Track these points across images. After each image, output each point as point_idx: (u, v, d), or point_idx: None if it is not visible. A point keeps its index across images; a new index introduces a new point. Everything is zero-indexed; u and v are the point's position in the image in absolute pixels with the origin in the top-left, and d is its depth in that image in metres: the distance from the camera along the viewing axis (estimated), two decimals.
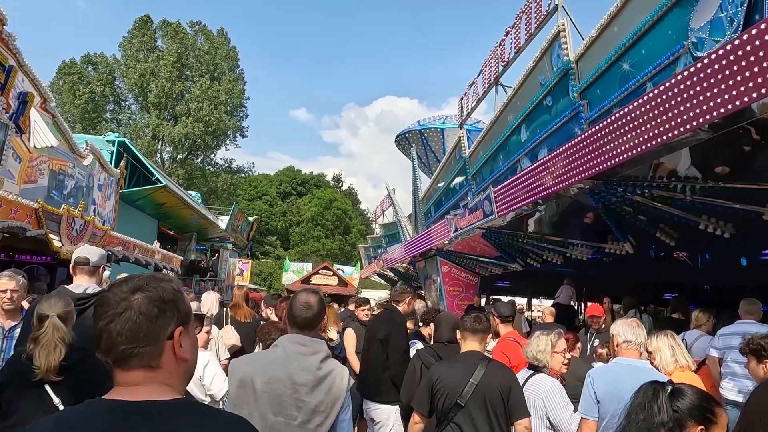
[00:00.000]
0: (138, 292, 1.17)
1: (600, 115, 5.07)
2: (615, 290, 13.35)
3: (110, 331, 1.14)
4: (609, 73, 4.85)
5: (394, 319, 4.26)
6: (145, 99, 36.45)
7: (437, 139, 13.60)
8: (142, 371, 1.16)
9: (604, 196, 5.62)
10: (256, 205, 49.40)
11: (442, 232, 9.90)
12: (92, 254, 3.66)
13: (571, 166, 5.06)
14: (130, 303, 1.15)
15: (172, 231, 18.44)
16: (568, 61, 5.39)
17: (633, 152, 4.23)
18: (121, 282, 1.21)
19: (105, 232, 7.48)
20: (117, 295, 1.17)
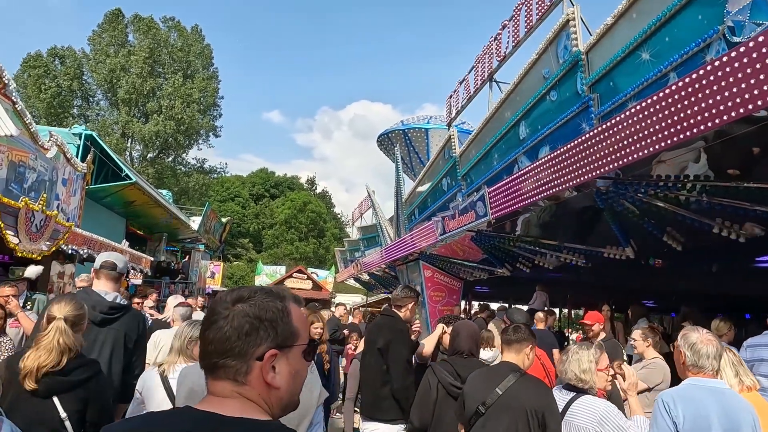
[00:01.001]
0: (239, 304, 1.15)
1: (613, 109, 4.75)
2: (597, 296, 13.22)
3: (205, 338, 1.15)
4: (625, 63, 4.53)
5: (395, 326, 3.80)
6: (114, 95, 35.32)
7: (421, 140, 13.24)
8: (230, 384, 1.13)
9: (612, 197, 5.31)
10: (229, 207, 48.38)
11: (428, 235, 9.52)
12: (119, 260, 3.62)
13: (580, 163, 4.72)
14: (227, 314, 1.14)
15: (141, 231, 17.65)
16: (577, 52, 5.06)
17: (653, 148, 3.91)
18: (233, 290, 1.20)
19: (68, 228, 6.87)
20: (220, 304, 1.17)
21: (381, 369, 3.62)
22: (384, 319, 3.98)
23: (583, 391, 2.63)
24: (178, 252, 21.29)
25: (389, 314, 3.96)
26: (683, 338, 2.32)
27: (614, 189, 5.05)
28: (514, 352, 2.84)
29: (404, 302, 3.95)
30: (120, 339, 3.48)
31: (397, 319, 3.81)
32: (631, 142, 4.08)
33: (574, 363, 2.69)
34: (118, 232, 14.34)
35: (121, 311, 3.51)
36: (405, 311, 3.90)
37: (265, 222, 51.34)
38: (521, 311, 3.87)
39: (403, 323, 3.80)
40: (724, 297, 10.74)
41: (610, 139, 4.29)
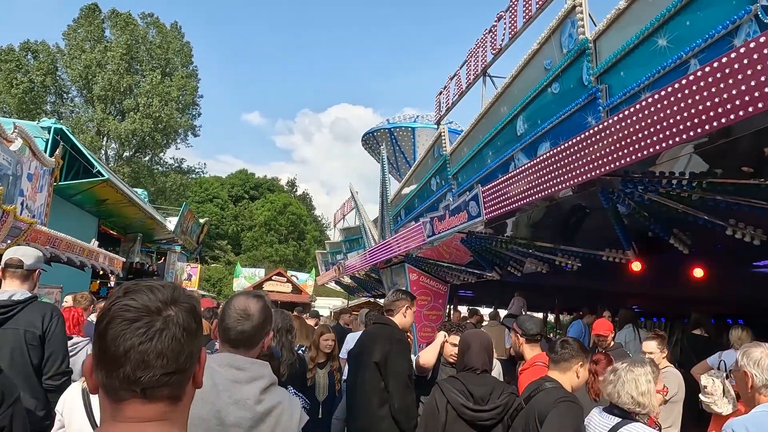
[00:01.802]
0: (174, 304, 1.00)
1: (623, 101, 4.42)
2: (583, 300, 12.99)
3: (148, 351, 0.94)
4: (639, 51, 4.20)
5: (392, 335, 3.33)
6: (89, 92, 34.31)
7: (408, 139, 12.86)
8: (167, 405, 0.98)
9: (618, 196, 4.99)
10: (207, 208, 47.51)
11: (415, 236, 9.14)
12: (27, 256, 3.31)
13: (587, 159, 4.38)
14: (171, 316, 0.98)
15: (114, 231, 16.98)
16: (584, 40, 4.73)
17: (671, 142, 3.58)
18: (138, 289, 1.00)
19: (30, 225, 6.33)
20: (150, 305, 0.98)
21: (378, 386, 3.14)
22: (378, 328, 3.51)
23: (630, 417, 2.24)
24: (154, 253, 20.61)
25: (383, 322, 3.51)
26: (745, 356, 1.97)
27: (622, 187, 4.72)
28: (560, 371, 2.54)
29: (396, 306, 3.54)
30: (19, 338, 3.05)
31: (394, 328, 3.36)
32: (646, 135, 3.74)
33: (630, 384, 2.27)
34: (89, 231, 13.69)
35: (13, 308, 3.07)
36: (399, 316, 3.47)
37: (244, 224, 50.55)
38: (534, 319, 3.46)
39: (401, 332, 3.38)
40: (717, 302, 10.57)
41: (622, 133, 3.95)
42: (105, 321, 0.97)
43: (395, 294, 3.72)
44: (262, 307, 1.94)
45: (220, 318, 1.92)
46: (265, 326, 1.93)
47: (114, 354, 0.94)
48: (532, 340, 3.41)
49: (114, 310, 0.98)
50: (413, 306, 3.69)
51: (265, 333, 1.95)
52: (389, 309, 3.61)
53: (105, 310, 0.99)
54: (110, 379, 0.95)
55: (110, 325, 0.96)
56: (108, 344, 0.95)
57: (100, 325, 0.98)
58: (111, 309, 0.98)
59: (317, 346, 4.24)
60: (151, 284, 1.04)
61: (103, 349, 0.95)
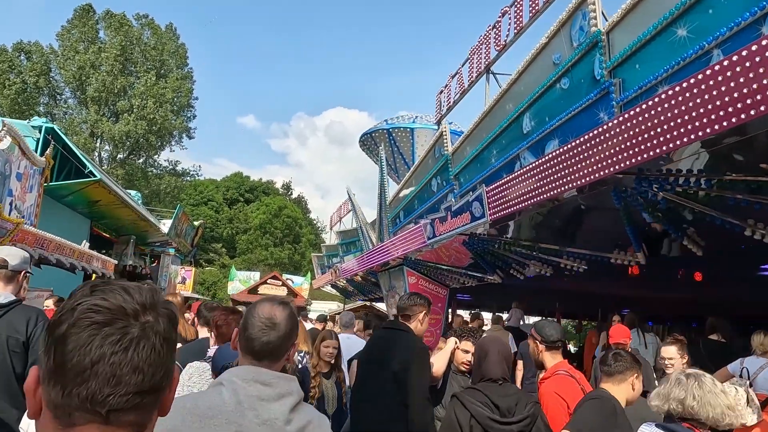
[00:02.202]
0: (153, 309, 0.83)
1: (638, 95, 4.22)
2: (583, 304, 12.83)
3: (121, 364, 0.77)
4: (656, 42, 4.01)
5: (412, 343, 3.00)
6: (83, 93, 34.02)
7: (407, 140, 12.66)
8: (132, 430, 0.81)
9: (631, 195, 4.79)
10: (202, 211, 47.14)
11: (415, 239, 8.93)
12: (12, 256, 3.13)
13: (600, 156, 4.17)
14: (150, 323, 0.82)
15: (107, 233, 16.69)
16: (597, 32, 4.53)
17: (693, 136, 3.39)
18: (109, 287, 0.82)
19: (16, 225, 6.08)
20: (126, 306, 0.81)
21: (394, 400, 2.78)
22: (394, 333, 3.17)
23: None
24: (147, 256, 20.31)
25: (399, 327, 3.18)
26: None
27: (636, 185, 4.53)
28: (615, 383, 2.40)
29: (414, 311, 3.21)
30: (1, 345, 2.86)
31: (411, 334, 3.07)
32: (665, 130, 3.55)
33: (718, 397, 2.02)
34: (81, 233, 13.40)
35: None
36: (415, 323, 3.17)
37: (239, 227, 50.20)
38: (554, 324, 3.19)
39: (420, 340, 3.09)
40: (717, 305, 10.41)
41: (639, 128, 3.75)
42: (66, 323, 0.79)
43: (412, 298, 3.39)
44: (289, 315, 1.76)
45: (242, 327, 1.74)
46: (291, 336, 1.76)
47: (77, 365, 0.76)
48: (552, 347, 3.10)
49: (80, 310, 0.79)
50: (429, 313, 3.40)
51: (291, 344, 1.78)
52: (406, 314, 3.28)
53: (66, 310, 0.80)
54: (66, 397, 0.77)
55: (73, 329, 0.78)
56: (69, 353, 0.77)
57: (58, 328, 0.79)
58: (75, 309, 0.79)
59: (318, 353, 3.93)
60: (124, 284, 0.86)
61: (61, 358, 0.77)
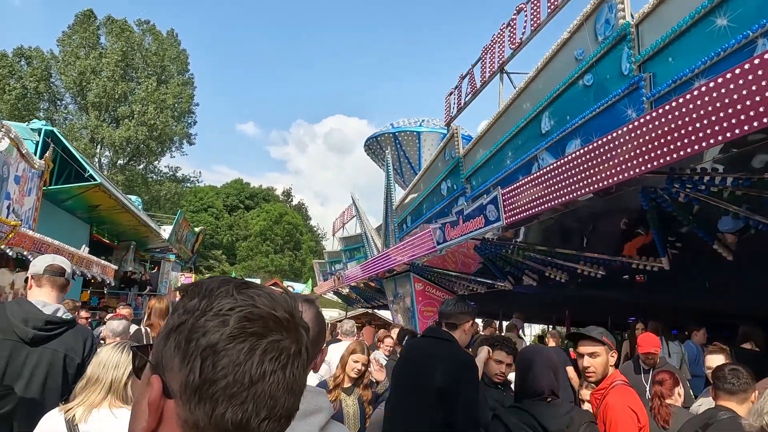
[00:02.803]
0: (297, 320, 0.74)
1: (671, 90, 4.00)
2: (591, 312, 12.55)
3: (279, 383, 0.69)
4: (692, 34, 3.79)
5: (460, 356, 2.66)
6: (84, 98, 33.81)
7: (413, 144, 12.44)
8: None
9: (660, 196, 4.56)
10: (202, 218, 46.91)
11: (424, 244, 8.69)
12: (67, 264, 2.97)
13: (631, 155, 3.95)
14: (301, 336, 0.74)
15: (107, 238, 16.43)
16: (625, 25, 4.32)
17: (737, 131, 3.17)
18: (252, 290, 0.72)
19: (13, 228, 5.83)
20: (279, 316, 0.71)
21: (436, 420, 2.44)
22: (437, 344, 2.81)
23: None
24: (147, 262, 20.04)
25: (443, 336, 2.83)
26: None
27: (667, 186, 4.30)
28: (738, 402, 2.25)
29: (460, 319, 2.86)
30: (58, 362, 2.74)
31: (457, 345, 2.74)
32: (704, 125, 3.33)
33: None
34: (80, 238, 13.15)
35: (60, 326, 2.76)
36: (461, 333, 2.83)
37: (239, 234, 49.95)
38: (602, 330, 2.90)
39: (467, 353, 2.80)
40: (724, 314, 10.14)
41: (674, 124, 3.53)
42: (218, 332, 0.67)
43: (459, 305, 2.99)
44: (316, 316, 1.49)
45: None
46: (319, 341, 1.49)
47: (233, 384, 0.66)
48: None
49: (236, 318, 0.68)
50: (475, 321, 3.06)
51: (319, 350, 1.50)
52: (450, 321, 2.91)
53: (211, 315, 0.68)
54: (215, 419, 0.66)
55: (229, 340, 0.66)
56: (223, 368, 0.66)
57: (206, 336, 0.66)
58: (229, 316, 0.67)
59: (344, 366, 3.58)
60: (263, 286, 0.75)
61: (212, 374, 0.66)
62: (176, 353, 0.67)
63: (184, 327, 0.68)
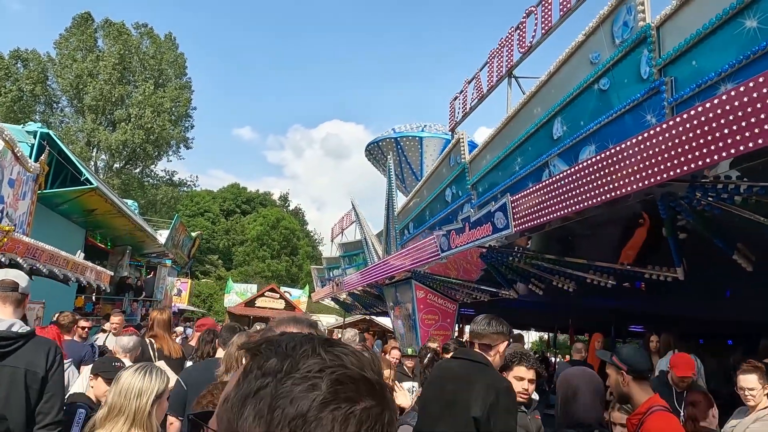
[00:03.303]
0: (382, 382, 0.70)
1: (695, 94, 3.84)
2: (591, 320, 12.39)
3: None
4: (718, 36, 3.64)
5: (498, 383, 2.44)
6: (80, 102, 33.58)
7: (415, 149, 12.27)
8: None
9: (680, 204, 4.40)
10: (198, 222, 46.64)
11: (428, 251, 8.52)
12: (21, 278, 2.95)
13: (653, 161, 3.79)
14: (389, 401, 0.68)
15: (102, 243, 16.19)
16: (645, 27, 4.17)
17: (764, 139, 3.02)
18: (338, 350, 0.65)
19: (6, 233, 5.64)
20: (370, 378, 0.65)
21: None
22: (472, 367, 2.57)
23: None
24: (143, 267, 19.79)
25: (477, 359, 2.59)
26: None
27: (688, 194, 4.14)
28: None
29: (494, 340, 2.64)
30: (19, 379, 2.63)
31: (493, 369, 2.51)
32: (732, 132, 3.18)
33: None
34: (75, 243, 12.90)
35: (16, 341, 2.67)
36: (495, 355, 2.60)
37: (235, 238, 49.68)
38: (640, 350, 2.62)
39: (507, 380, 2.58)
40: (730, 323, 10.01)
41: (700, 129, 3.37)
42: (306, 399, 0.59)
43: (494, 324, 2.72)
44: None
45: None
46: None
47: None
48: (640, 378, 2.55)
49: (329, 382, 0.60)
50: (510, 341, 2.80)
51: None
52: (484, 342, 2.66)
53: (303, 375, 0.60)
54: None
55: (327, 405, 0.59)
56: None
57: (296, 401, 0.59)
58: (322, 372, 0.61)
59: None
60: (344, 344, 0.67)
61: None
62: (257, 423, 0.58)
63: (265, 392, 0.59)
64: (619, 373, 2.43)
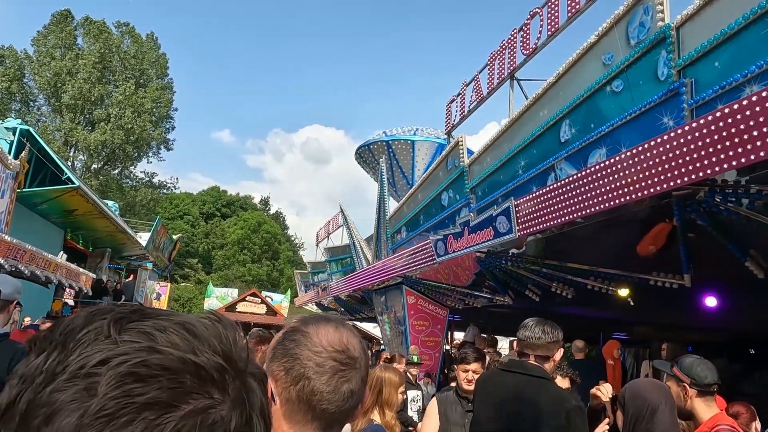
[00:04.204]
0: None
1: (717, 96, 3.75)
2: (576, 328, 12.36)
3: None
4: (744, 36, 3.55)
5: (565, 399, 2.19)
6: (58, 100, 32.81)
7: (406, 153, 12.13)
8: None
9: (695, 209, 4.31)
10: (177, 225, 45.85)
11: (423, 256, 8.36)
12: (4, 284, 3.00)
13: (673, 164, 3.69)
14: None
15: (81, 245, 15.73)
16: (664, 27, 4.08)
17: None
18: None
19: None
20: (241, 355, 0.53)
21: None
22: (530, 382, 2.25)
23: None
24: (123, 270, 19.30)
25: (536, 373, 2.26)
26: None
27: (708, 198, 4.05)
28: None
29: (552, 350, 2.36)
30: None
31: (556, 386, 2.27)
32: (758, 136, 3.09)
33: None
34: (54, 244, 12.49)
35: None
36: (552, 366, 2.35)
37: (215, 242, 48.98)
38: (705, 362, 2.42)
39: (574, 396, 2.38)
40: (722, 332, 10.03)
41: (726, 132, 3.27)
42: (86, 409, 0.38)
43: (548, 330, 2.39)
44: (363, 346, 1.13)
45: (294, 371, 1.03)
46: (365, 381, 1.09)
47: None
48: (706, 392, 2.33)
49: (115, 371, 0.40)
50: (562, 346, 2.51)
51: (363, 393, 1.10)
52: (541, 354, 2.32)
53: (72, 373, 0.40)
54: None
55: (110, 420, 0.38)
56: None
57: (56, 419, 0.38)
58: (103, 365, 0.40)
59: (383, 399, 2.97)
60: (169, 313, 0.49)
61: None
62: None
63: (15, 410, 0.39)
64: (680, 387, 2.24)
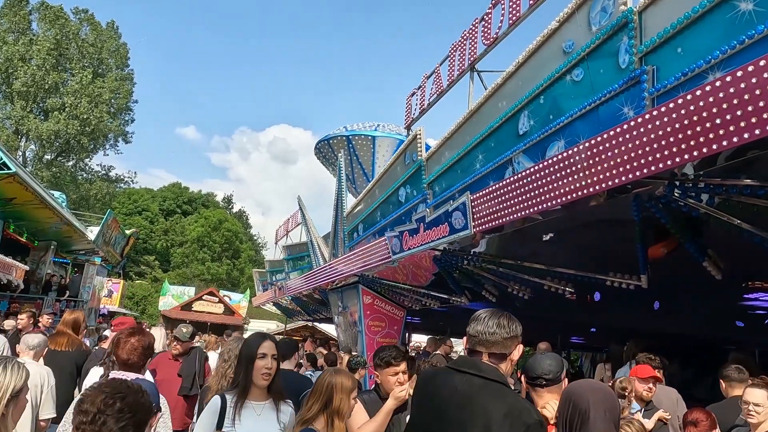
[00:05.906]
0: None
1: (678, 84, 3.55)
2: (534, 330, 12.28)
3: None
4: (708, 20, 3.36)
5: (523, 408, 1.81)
6: (9, 87, 31.37)
7: (367, 149, 11.82)
8: None
9: (654, 205, 4.12)
10: (135, 221, 44.50)
11: (378, 253, 8.06)
12: None
13: (627, 157, 3.48)
14: None
15: (25, 237, 14.86)
16: (626, 11, 3.87)
17: (760, 131, 2.74)
18: None
19: None
20: None
21: None
22: (483, 387, 1.88)
23: None
24: (69, 265, 18.41)
25: (488, 375, 1.90)
26: None
27: (667, 193, 3.85)
28: None
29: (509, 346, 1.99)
30: None
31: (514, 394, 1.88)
32: (726, 122, 2.88)
33: None
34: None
35: None
36: (508, 366, 1.98)
37: (174, 239, 47.74)
38: (539, 358, 2.28)
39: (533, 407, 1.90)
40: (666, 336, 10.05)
41: (688, 120, 3.06)
42: None
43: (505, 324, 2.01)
44: None
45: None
46: None
47: None
48: (535, 384, 2.17)
49: None
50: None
51: None
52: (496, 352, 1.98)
53: None
54: None
55: None
56: None
57: None
58: None
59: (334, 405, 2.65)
60: None
61: None
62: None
63: None
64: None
